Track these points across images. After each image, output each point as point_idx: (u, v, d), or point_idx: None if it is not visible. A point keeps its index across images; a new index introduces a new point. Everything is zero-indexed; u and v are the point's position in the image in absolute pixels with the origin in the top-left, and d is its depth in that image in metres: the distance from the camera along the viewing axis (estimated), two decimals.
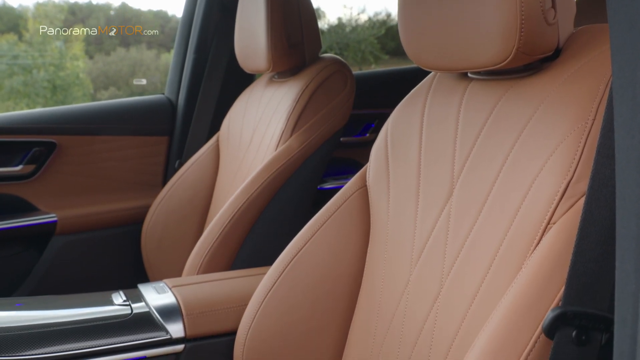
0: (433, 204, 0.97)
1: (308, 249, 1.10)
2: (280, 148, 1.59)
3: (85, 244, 1.98)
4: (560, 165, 0.78)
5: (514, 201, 0.83)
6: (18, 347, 1.04)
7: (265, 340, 1.07)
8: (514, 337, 0.70)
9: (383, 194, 1.07)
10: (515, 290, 0.74)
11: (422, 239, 0.97)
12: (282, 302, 1.08)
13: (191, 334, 1.13)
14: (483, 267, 0.85)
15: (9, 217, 1.90)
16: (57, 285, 1.92)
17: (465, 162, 0.94)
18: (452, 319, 0.87)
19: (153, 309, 1.15)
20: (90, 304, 1.20)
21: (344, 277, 1.08)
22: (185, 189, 1.89)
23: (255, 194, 1.52)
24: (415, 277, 0.96)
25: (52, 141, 1.95)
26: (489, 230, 0.86)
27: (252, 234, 1.54)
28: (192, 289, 1.22)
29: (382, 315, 1.00)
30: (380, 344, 0.99)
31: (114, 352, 1.08)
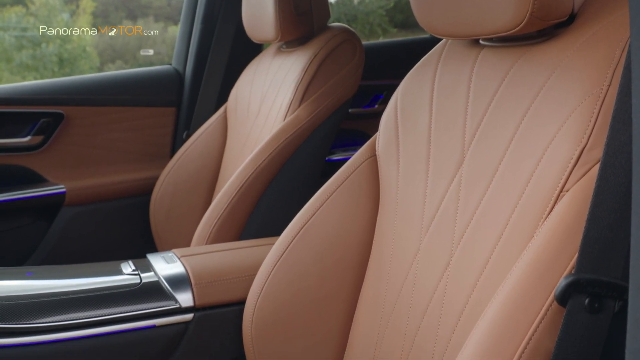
0: (443, 173, 0.96)
1: (317, 218, 1.09)
2: (289, 118, 1.58)
3: (94, 215, 1.99)
4: (574, 131, 0.77)
5: (526, 169, 0.82)
6: (29, 316, 1.04)
7: (274, 309, 1.07)
8: (526, 304, 0.70)
9: (392, 163, 1.06)
10: (527, 258, 0.73)
11: (432, 208, 0.96)
12: (291, 272, 1.08)
13: (200, 303, 1.13)
14: (494, 235, 0.84)
15: (18, 188, 1.90)
16: (67, 255, 1.93)
17: (477, 131, 0.93)
18: (462, 288, 0.87)
19: (162, 279, 1.15)
20: (100, 274, 1.20)
21: (353, 247, 1.08)
22: (193, 160, 1.89)
23: (263, 164, 1.52)
24: (425, 246, 0.96)
25: (60, 112, 1.94)
26: (500, 199, 0.85)
27: (260, 205, 1.53)
28: (201, 258, 1.22)
29: (391, 285, 1.00)
30: (389, 313, 0.99)
31: (123, 320, 1.09)
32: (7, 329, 1.02)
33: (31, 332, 1.03)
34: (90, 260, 1.55)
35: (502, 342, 0.69)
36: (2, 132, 1.88)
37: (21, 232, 1.94)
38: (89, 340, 1.06)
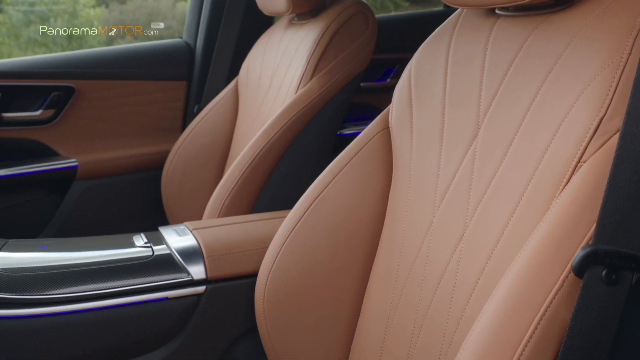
0: (458, 145, 0.95)
1: (329, 191, 1.09)
2: (301, 91, 1.57)
3: (106, 189, 1.99)
4: (592, 101, 0.76)
5: (542, 140, 0.81)
6: (42, 287, 1.04)
7: (286, 282, 1.07)
8: (542, 276, 0.69)
9: (406, 135, 1.05)
10: (543, 229, 0.72)
11: (445, 180, 0.95)
12: (303, 245, 1.07)
13: (212, 276, 1.13)
14: (509, 208, 0.83)
15: (31, 162, 1.91)
16: (79, 229, 1.93)
17: (492, 102, 0.91)
18: (475, 261, 0.86)
19: (174, 251, 1.15)
20: (112, 246, 1.21)
21: (366, 220, 1.07)
22: (205, 134, 1.88)
23: (275, 137, 1.51)
24: (439, 219, 0.95)
25: (71, 86, 1.94)
26: (516, 171, 0.84)
27: (272, 178, 1.53)
28: (213, 231, 1.22)
29: (404, 258, 0.99)
30: (402, 287, 0.98)
31: (136, 292, 1.09)
32: (21, 300, 1.02)
33: (44, 304, 1.03)
34: (103, 234, 1.56)
35: (517, 313, 0.68)
36: (14, 105, 1.88)
37: (34, 206, 1.94)
38: (101, 312, 1.07)
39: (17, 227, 1.91)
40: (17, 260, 1.12)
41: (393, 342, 0.98)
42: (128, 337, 1.09)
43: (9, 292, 1.02)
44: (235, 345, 1.17)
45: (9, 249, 1.15)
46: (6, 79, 1.85)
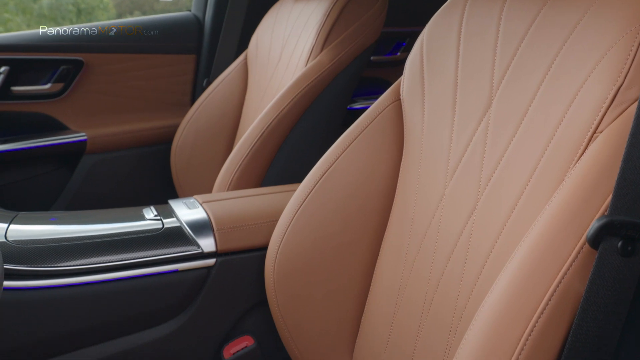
0: (470, 117, 0.94)
1: (339, 164, 1.08)
2: (310, 64, 1.55)
3: (115, 163, 1.99)
4: (609, 71, 0.74)
5: (557, 111, 0.80)
6: (53, 259, 1.05)
7: (296, 255, 1.06)
8: (556, 247, 0.68)
9: (417, 107, 1.04)
10: (557, 200, 0.71)
11: (457, 152, 0.94)
12: (313, 218, 1.07)
13: (222, 249, 1.13)
14: (522, 180, 0.82)
15: (40, 136, 1.90)
16: (89, 202, 1.94)
17: (505, 73, 0.90)
18: (488, 234, 0.85)
19: (184, 224, 1.15)
20: (122, 219, 1.20)
21: (376, 193, 1.06)
22: (214, 108, 1.87)
23: (285, 110, 1.50)
24: (450, 191, 0.94)
25: (80, 59, 1.93)
26: (530, 142, 0.83)
27: (281, 151, 1.52)
28: (223, 204, 1.21)
29: (415, 231, 0.99)
30: (412, 259, 0.98)
31: (146, 265, 1.09)
32: (32, 272, 1.02)
33: (55, 275, 1.04)
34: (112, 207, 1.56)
35: (530, 285, 0.67)
36: (23, 79, 1.88)
37: (44, 180, 1.95)
38: (112, 284, 1.07)
39: (27, 200, 1.92)
40: (28, 232, 1.12)
41: (403, 316, 0.97)
42: (138, 310, 1.10)
43: (20, 263, 1.02)
44: (246, 317, 1.17)
45: (20, 222, 1.15)
46: (15, 52, 1.84)
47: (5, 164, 1.88)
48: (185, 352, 1.13)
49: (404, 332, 0.97)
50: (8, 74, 1.83)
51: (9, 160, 1.87)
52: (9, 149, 1.85)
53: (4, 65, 1.83)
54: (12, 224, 1.13)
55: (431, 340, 0.91)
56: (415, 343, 0.94)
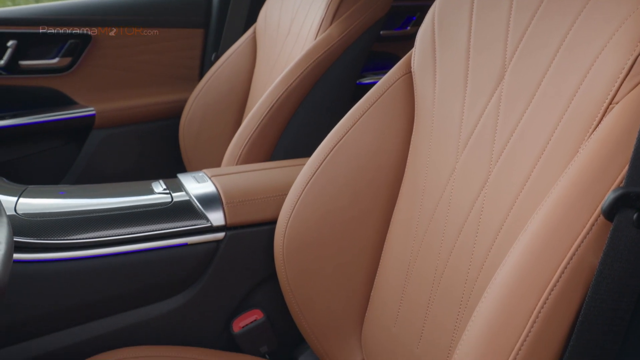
0: (482, 89, 0.93)
1: (349, 137, 1.07)
2: (320, 37, 1.53)
3: (124, 138, 1.99)
4: (626, 40, 0.73)
5: (572, 82, 0.78)
6: (62, 232, 1.05)
7: (306, 229, 1.06)
8: (570, 219, 0.67)
9: (429, 80, 1.03)
10: (572, 172, 0.70)
11: (469, 125, 0.93)
12: (323, 191, 1.06)
13: (231, 223, 1.13)
14: (535, 152, 0.81)
15: (49, 110, 1.90)
16: (97, 177, 1.94)
17: (518, 46, 0.88)
18: (499, 207, 0.85)
19: (193, 198, 1.15)
20: (131, 193, 1.20)
21: (386, 166, 1.06)
22: (222, 82, 1.86)
23: (294, 84, 1.48)
24: (462, 165, 0.93)
25: (88, 33, 1.92)
26: (543, 114, 0.81)
27: (290, 125, 1.51)
28: (232, 178, 1.21)
29: (425, 205, 0.98)
30: (423, 233, 0.97)
31: (155, 238, 1.09)
32: (41, 245, 1.03)
33: (64, 248, 1.04)
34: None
35: (543, 258, 0.67)
36: (31, 53, 1.87)
37: (52, 155, 1.95)
38: (121, 257, 1.07)
39: (36, 175, 1.92)
40: (37, 205, 1.12)
41: (413, 289, 0.97)
42: (148, 283, 1.10)
43: (29, 236, 1.03)
44: (255, 291, 1.17)
45: (29, 195, 1.15)
46: (22, 26, 1.83)
47: (14, 139, 1.88)
48: (195, 325, 1.14)
49: (414, 306, 0.96)
50: (16, 48, 1.83)
51: (18, 135, 1.87)
52: (17, 123, 1.85)
53: (12, 39, 1.82)
54: (21, 197, 1.13)
55: (441, 314, 0.91)
56: (425, 317, 0.94)
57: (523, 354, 0.65)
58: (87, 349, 1.06)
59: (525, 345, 0.65)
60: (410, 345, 0.95)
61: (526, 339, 0.65)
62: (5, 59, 1.82)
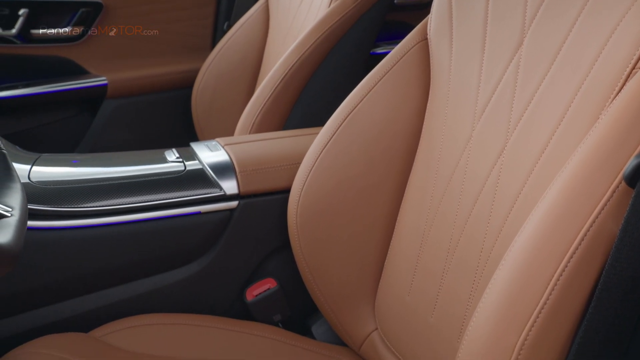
0: (500, 57, 0.91)
1: (364, 105, 1.05)
2: (334, 5, 1.51)
3: (136, 108, 1.98)
4: None
5: (593, 48, 0.77)
6: (76, 200, 1.05)
7: (319, 198, 1.05)
8: (590, 186, 0.66)
9: (445, 46, 1.01)
10: (592, 138, 0.69)
11: (486, 92, 0.92)
12: (337, 160, 1.05)
13: (245, 191, 1.13)
14: (554, 119, 0.79)
15: (61, 80, 1.89)
16: (110, 148, 1.93)
17: (538, 10, 0.86)
18: (517, 175, 0.83)
19: (206, 166, 1.14)
20: (144, 161, 1.20)
21: (401, 135, 1.04)
22: (235, 52, 1.84)
23: (307, 52, 1.47)
24: (478, 132, 0.92)
25: (99, 2, 1.90)
26: (563, 80, 0.80)
27: (304, 95, 1.50)
28: (245, 147, 1.20)
29: (441, 173, 0.97)
30: (438, 202, 0.96)
31: (168, 206, 1.09)
32: (55, 212, 1.03)
33: (78, 216, 1.04)
34: None
35: (563, 224, 0.65)
36: (42, 22, 1.86)
37: (65, 125, 1.94)
38: (135, 225, 1.07)
39: (49, 145, 1.92)
40: (51, 173, 1.12)
41: (428, 258, 0.96)
42: (161, 251, 1.10)
43: (43, 204, 1.03)
44: (268, 260, 1.17)
45: (42, 163, 1.15)
46: None
47: (27, 109, 1.88)
48: (208, 294, 1.14)
49: (428, 275, 0.96)
50: (27, 17, 1.82)
51: (30, 105, 1.87)
52: (29, 93, 1.84)
53: (23, 7, 1.81)
54: (34, 165, 1.12)
55: (456, 283, 0.90)
56: (440, 286, 0.93)
57: (540, 322, 0.64)
58: (101, 316, 1.06)
59: (543, 313, 0.64)
60: (424, 315, 0.95)
61: (544, 307, 0.64)
62: (17, 27, 1.81)
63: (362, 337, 1.07)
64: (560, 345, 0.65)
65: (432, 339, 0.93)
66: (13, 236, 0.66)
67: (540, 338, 0.64)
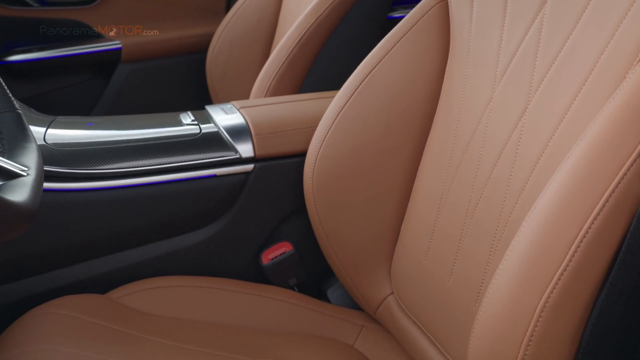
0: (523, 16, 0.88)
1: (381, 67, 1.04)
2: None
3: (151, 72, 1.97)
4: None
5: (620, 5, 0.74)
6: (91, 162, 1.05)
7: (336, 161, 1.04)
8: (616, 145, 0.64)
9: (466, 6, 0.98)
10: (619, 98, 0.67)
11: (508, 53, 0.89)
12: (354, 123, 1.04)
13: (260, 154, 1.12)
14: (579, 79, 0.77)
15: (75, 44, 1.89)
16: (125, 112, 1.93)
17: None
18: (538, 137, 0.82)
19: (222, 129, 1.13)
20: (159, 124, 1.19)
21: (420, 97, 1.03)
22: (250, 15, 1.82)
23: (323, 15, 1.44)
24: (499, 94, 0.90)
25: None
26: (588, 40, 0.77)
27: (320, 58, 1.48)
28: (261, 110, 1.19)
29: (460, 136, 0.95)
30: (456, 165, 0.95)
31: (184, 169, 1.08)
32: (70, 174, 1.03)
33: (95, 178, 1.04)
34: None
35: (587, 185, 0.64)
36: None
37: (79, 89, 1.94)
38: (150, 188, 1.07)
39: (63, 110, 1.91)
40: (66, 136, 1.12)
41: (445, 222, 0.95)
42: (177, 214, 1.10)
43: (59, 165, 1.02)
44: (284, 223, 1.16)
45: (57, 126, 1.15)
46: None
47: (42, 72, 1.87)
48: (224, 257, 1.14)
49: (446, 239, 0.95)
50: None
51: (45, 68, 1.86)
52: (44, 56, 1.84)
53: None
54: (50, 128, 1.12)
55: (474, 247, 0.89)
56: (457, 250, 0.92)
57: (562, 284, 0.63)
58: (117, 279, 1.07)
59: (566, 274, 0.63)
60: (440, 279, 0.94)
61: (566, 269, 0.63)
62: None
63: (378, 301, 1.07)
64: (582, 307, 0.64)
65: (448, 303, 0.93)
66: (29, 195, 0.65)
67: (563, 300, 0.63)
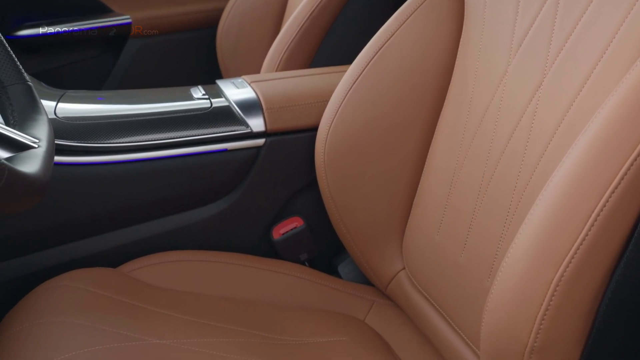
0: None
1: (394, 41, 1.02)
2: None
3: (161, 47, 1.96)
4: None
5: None
6: (102, 136, 1.04)
7: (347, 136, 1.03)
8: (636, 117, 0.63)
9: None
10: (638, 71, 0.66)
11: (524, 25, 0.88)
12: (366, 97, 1.03)
13: (271, 129, 1.11)
14: (597, 51, 0.76)
15: (84, 19, 1.87)
16: (135, 87, 1.92)
17: None
18: (554, 112, 0.80)
19: (233, 103, 1.13)
20: (170, 98, 1.19)
21: (433, 70, 1.01)
22: None
23: None
24: (514, 67, 0.88)
25: None
26: (607, 11, 0.76)
27: (331, 32, 1.46)
28: (272, 84, 1.18)
29: (474, 110, 0.94)
30: (470, 140, 0.94)
31: (195, 143, 1.08)
32: (82, 148, 1.02)
33: (106, 152, 1.04)
34: None
35: (605, 158, 0.63)
36: None
37: (90, 64, 1.93)
38: (161, 162, 1.07)
39: (74, 85, 1.91)
40: (76, 109, 1.11)
41: (458, 197, 0.94)
42: (188, 188, 1.09)
43: (70, 139, 1.02)
44: (295, 198, 1.16)
45: (68, 100, 1.14)
46: None
47: (51, 47, 1.86)
48: (235, 232, 1.14)
49: (458, 214, 0.94)
50: None
51: (55, 43, 1.85)
52: (54, 31, 1.83)
53: None
54: (60, 102, 1.12)
55: (487, 223, 0.89)
56: (470, 225, 0.91)
57: (578, 258, 0.62)
58: (129, 252, 1.07)
59: (581, 249, 0.62)
60: (453, 255, 0.94)
61: (582, 243, 0.62)
62: None
63: (389, 276, 1.07)
64: (598, 282, 0.64)
65: (460, 279, 0.92)
66: (41, 166, 0.65)
67: (579, 274, 0.62)
